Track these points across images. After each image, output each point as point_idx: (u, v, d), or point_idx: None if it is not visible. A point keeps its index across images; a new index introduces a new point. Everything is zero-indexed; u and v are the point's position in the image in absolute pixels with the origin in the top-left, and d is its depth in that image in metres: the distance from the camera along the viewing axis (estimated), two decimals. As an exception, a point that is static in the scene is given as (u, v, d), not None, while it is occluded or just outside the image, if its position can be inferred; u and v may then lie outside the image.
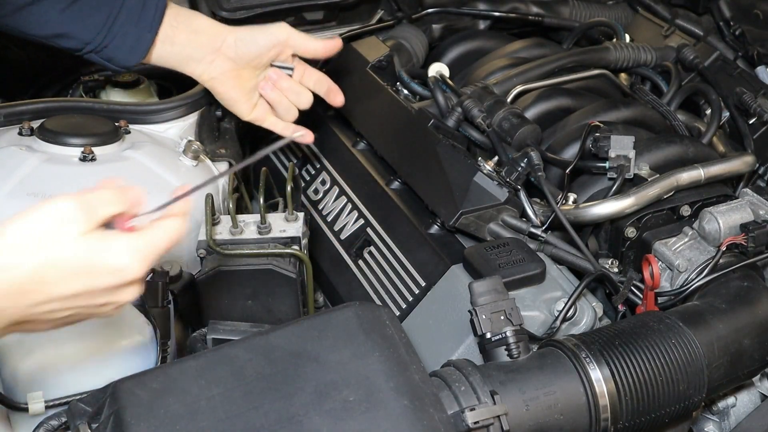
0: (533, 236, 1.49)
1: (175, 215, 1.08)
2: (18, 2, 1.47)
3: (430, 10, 2.12)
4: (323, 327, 1.12)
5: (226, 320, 1.40)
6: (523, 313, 1.27)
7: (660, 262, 1.48)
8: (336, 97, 1.69)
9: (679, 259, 1.46)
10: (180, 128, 1.68)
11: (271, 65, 1.63)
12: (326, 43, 1.66)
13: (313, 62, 2.05)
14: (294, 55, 1.66)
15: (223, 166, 1.64)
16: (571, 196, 1.55)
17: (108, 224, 1.04)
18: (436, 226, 1.54)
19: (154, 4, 1.52)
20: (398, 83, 1.87)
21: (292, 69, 1.63)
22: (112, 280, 1.03)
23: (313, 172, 1.79)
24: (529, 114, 1.72)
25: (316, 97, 1.70)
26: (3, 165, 1.45)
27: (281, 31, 1.60)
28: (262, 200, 1.46)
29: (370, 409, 1.03)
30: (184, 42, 1.56)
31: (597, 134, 1.56)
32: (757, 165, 1.67)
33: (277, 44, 1.59)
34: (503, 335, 1.24)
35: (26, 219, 1.01)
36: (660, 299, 1.43)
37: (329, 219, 1.72)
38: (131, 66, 1.55)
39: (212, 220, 1.44)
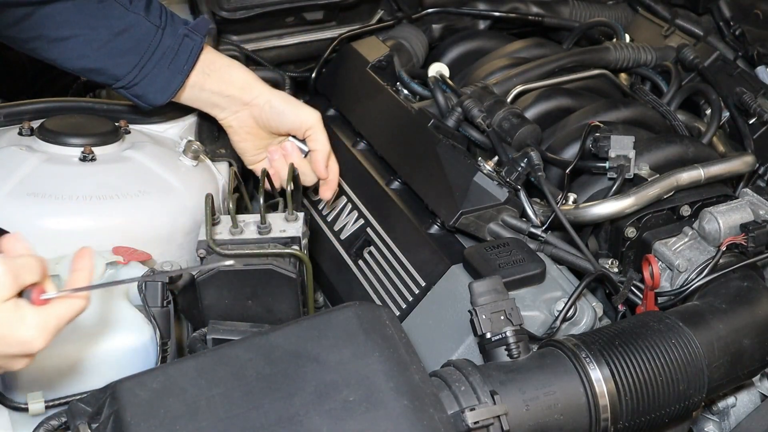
0: (533, 236, 1.48)
1: (80, 296, 1.11)
2: (55, 35, 1.48)
3: (430, 10, 2.12)
4: (323, 327, 1.12)
5: (226, 320, 1.40)
6: (523, 313, 1.28)
7: (660, 262, 1.48)
8: (325, 192, 1.64)
9: (679, 259, 1.46)
10: (180, 128, 1.67)
11: (289, 138, 1.63)
12: (328, 174, 1.61)
13: (312, 62, 2.06)
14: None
15: (223, 165, 1.64)
16: (571, 196, 1.55)
17: (21, 291, 1.07)
18: (436, 226, 1.54)
19: (188, 48, 1.53)
20: (398, 83, 1.87)
21: (307, 151, 1.62)
22: (16, 350, 1.06)
23: (313, 172, 1.79)
24: (529, 114, 1.72)
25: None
26: (3, 165, 1.45)
27: (310, 118, 1.59)
28: (262, 200, 1.46)
29: (370, 409, 1.03)
30: (214, 90, 1.57)
31: (597, 134, 1.56)
32: (757, 165, 1.67)
33: (300, 127, 1.60)
34: (503, 335, 1.24)
35: None
36: (660, 299, 1.43)
37: (329, 219, 1.72)
38: (159, 105, 1.56)
39: (212, 220, 1.44)
